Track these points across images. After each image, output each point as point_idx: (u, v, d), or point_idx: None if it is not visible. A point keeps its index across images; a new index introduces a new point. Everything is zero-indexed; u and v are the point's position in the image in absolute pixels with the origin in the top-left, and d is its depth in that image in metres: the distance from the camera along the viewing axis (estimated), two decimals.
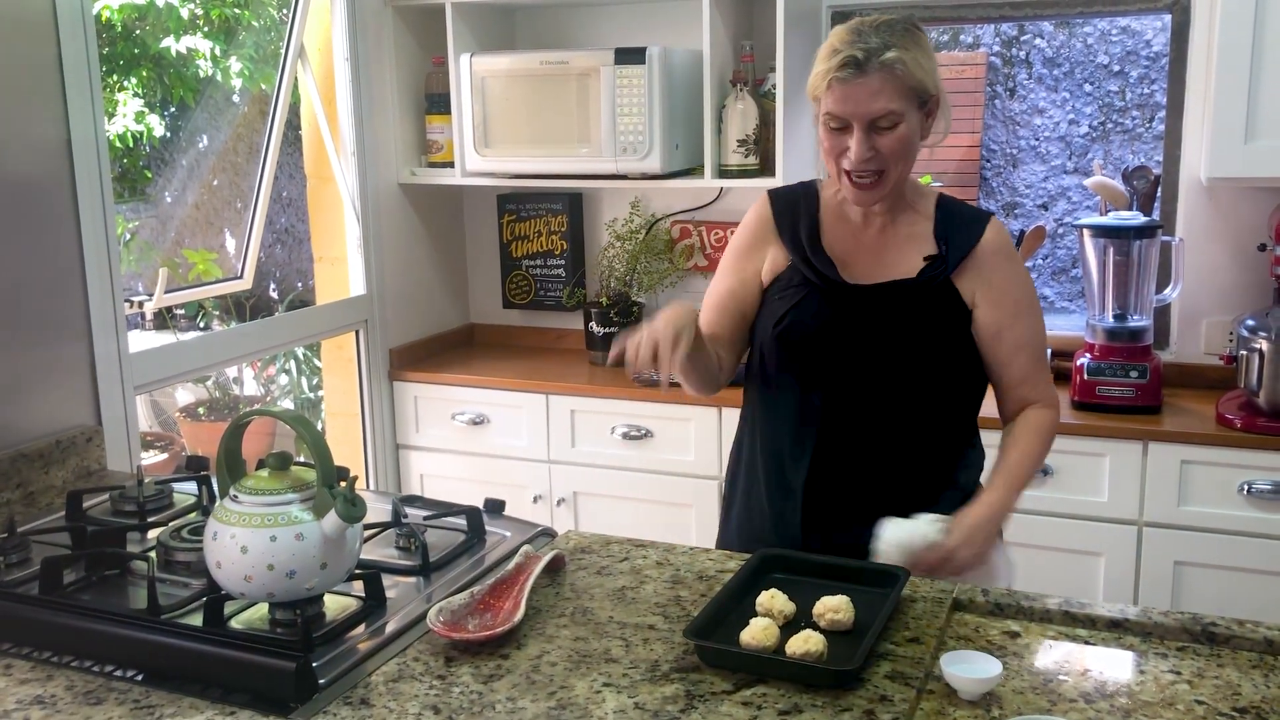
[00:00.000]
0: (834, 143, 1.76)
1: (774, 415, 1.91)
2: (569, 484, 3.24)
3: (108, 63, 5.11)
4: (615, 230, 3.51)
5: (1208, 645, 1.46)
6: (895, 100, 1.70)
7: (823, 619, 1.46)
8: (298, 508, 1.42)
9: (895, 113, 1.71)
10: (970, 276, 1.81)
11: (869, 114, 1.70)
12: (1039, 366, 1.88)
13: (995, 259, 1.82)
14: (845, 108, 1.71)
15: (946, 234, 1.83)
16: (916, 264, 1.82)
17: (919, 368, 1.81)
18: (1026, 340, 1.85)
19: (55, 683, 1.38)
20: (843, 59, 1.69)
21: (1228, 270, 2.99)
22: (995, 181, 5.49)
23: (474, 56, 3.23)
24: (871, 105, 1.70)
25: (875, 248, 1.85)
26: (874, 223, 1.86)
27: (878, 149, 1.73)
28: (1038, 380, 1.88)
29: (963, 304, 1.82)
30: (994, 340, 1.83)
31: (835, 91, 1.71)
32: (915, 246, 1.84)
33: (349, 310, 3.36)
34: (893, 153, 1.73)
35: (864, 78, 1.69)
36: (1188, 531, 2.65)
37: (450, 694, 1.33)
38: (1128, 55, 5.14)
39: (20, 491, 2.11)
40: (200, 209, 6.16)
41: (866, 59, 1.68)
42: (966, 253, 1.81)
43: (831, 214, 1.89)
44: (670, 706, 1.28)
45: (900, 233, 1.85)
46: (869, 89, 1.69)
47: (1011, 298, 1.83)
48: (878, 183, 1.76)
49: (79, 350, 2.32)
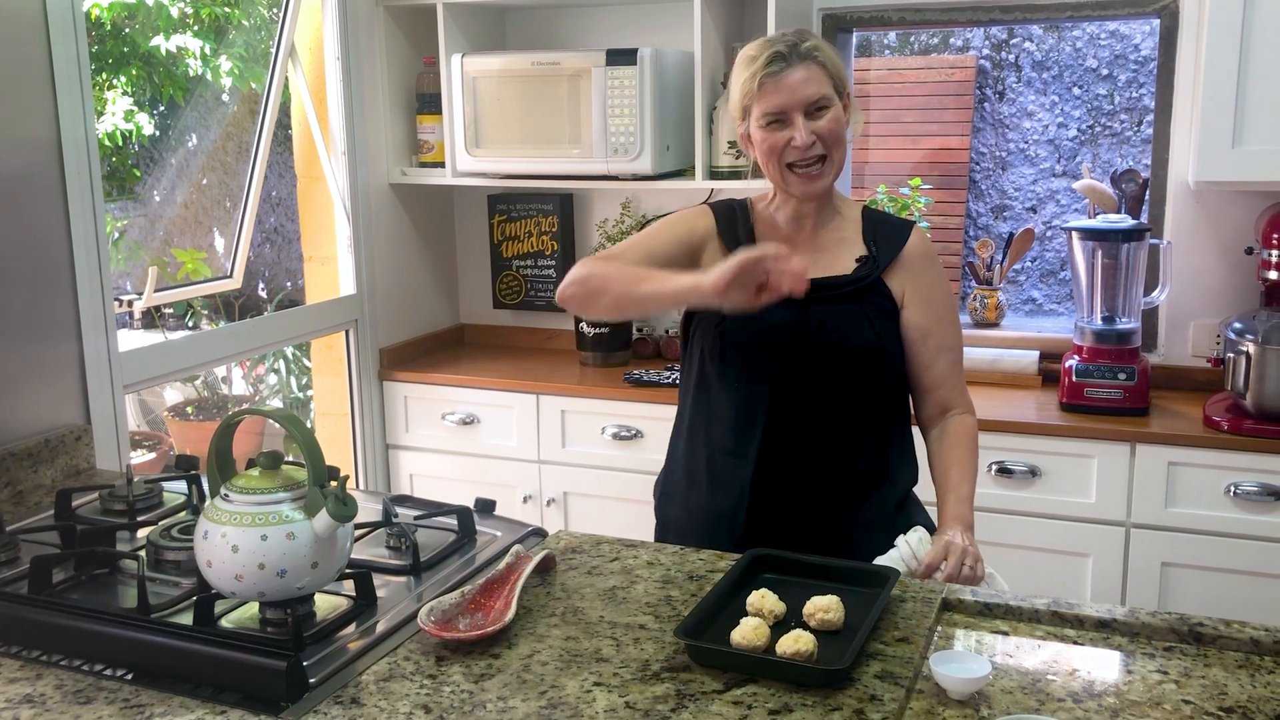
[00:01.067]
0: (773, 140, 1.84)
1: (716, 416, 1.95)
2: (559, 484, 3.25)
3: (97, 61, 5.09)
4: (606, 231, 3.52)
5: (1195, 645, 1.46)
6: (824, 85, 1.83)
7: (813, 619, 1.46)
8: (289, 507, 1.42)
9: (826, 96, 1.83)
10: (899, 277, 1.91)
11: (805, 99, 1.81)
12: (958, 370, 1.96)
13: (923, 262, 1.93)
14: (780, 99, 1.81)
15: (874, 238, 1.93)
16: (849, 264, 1.92)
17: (858, 360, 1.88)
18: (950, 344, 1.94)
19: (45, 682, 1.38)
20: (767, 57, 1.82)
21: (1215, 273, 3.01)
22: (984, 184, 5.51)
23: (465, 56, 3.23)
24: (805, 91, 1.81)
25: (809, 250, 1.91)
26: (805, 228, 1.95)
27: (818, 134, 1.83)
28: (956, 384, 1.95)
29: (893, 302, 1.90)
30: (920, 341, 1.91)
31: (767, 88, 1.82)
32: (846, 249, 1.93)
33: (339, 310, 3.36)
34: (831, 135, 1.84)
35: (791, 68, 1.81)
36: (1175, 533, 2.67)
37: (441, 693, 1.33)
38: (1116, 59, 5.16)
39: (9, 490, 2.10)
40: (189, 208, 6.14)
41: (790, 51, 1.82)
42: (895, 254, 1.91)
43: (764, 224, 1.98)
44: (661, 706, 1.29)
45: (830, 237, 1.95)
46: (799, 77, 1.81)
47: (937, 301, 1.92)
48: (822, 169, 1.86)
49: (68, 349, 2.32)
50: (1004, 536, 2.80)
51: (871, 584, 1.56)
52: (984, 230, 5.37)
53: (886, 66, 5.42)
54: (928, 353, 1.92)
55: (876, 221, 1.97)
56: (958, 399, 1.95)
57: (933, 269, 1.94)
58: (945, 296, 1.95)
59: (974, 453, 1.93)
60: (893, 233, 1.94)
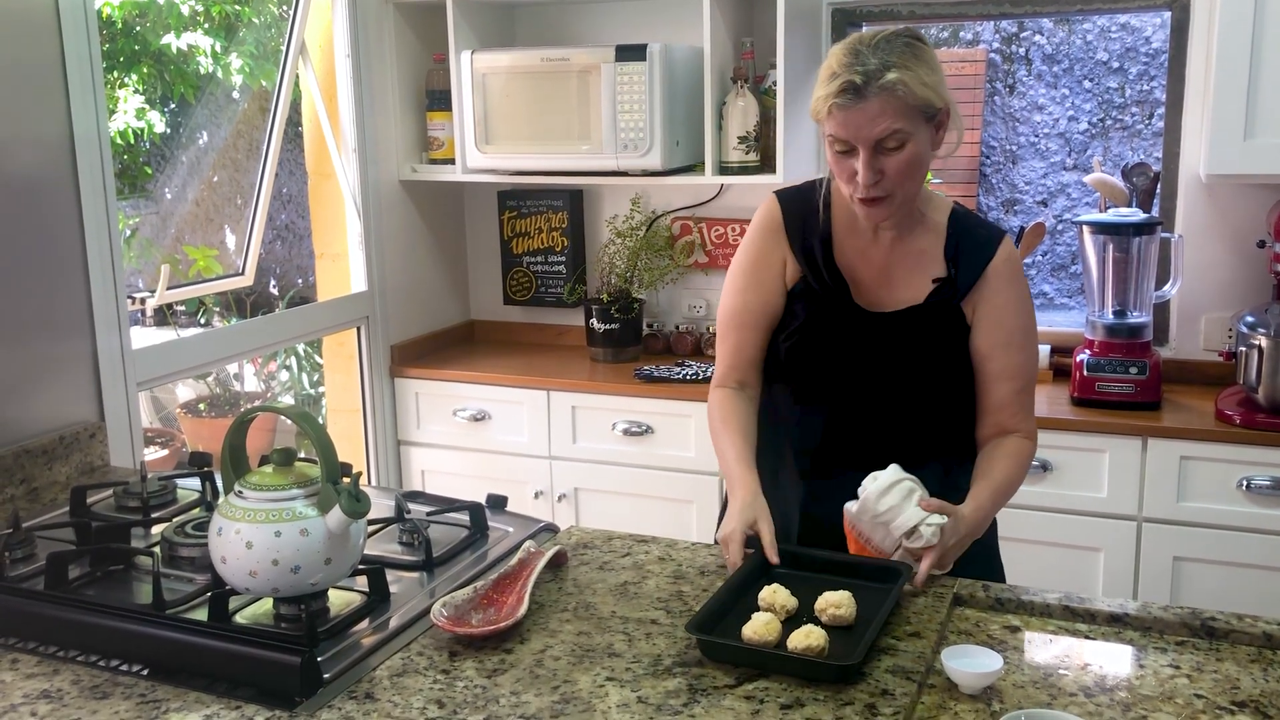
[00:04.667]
0: (841, 166, 1.71)
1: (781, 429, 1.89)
2: (570, 480, 3.25)
3: (108, 59, 5.11)
4: (616, 227, 3.52)
5: (1207, 640, 1.46)
6: (899, 120, 1.64)
7: (824, 614, 1.46)
8: (302, 503, 1.42)
9: (901, 132, 1.65)
10: (973, 298, 1.79)
11: (871, 137, 1.65)
12: (1021, 398, 1.82)
13: (1000, 283, 1.79)
14: (847, 132, 1.66)
15: (957, 254, 1.79)
16: (925, 286, 1.79)
17: (922, 389, 1.79)
18: (1013, 371, 1.80)
19: (61, 677, 1.39)
20: (841, 84, 1.64)
21: (1227, 267, 3.00)
22: (995, 178, 5.49)
23: (475, 53, 3.23)
24: (873, 129, 1.64)
25: (885, 265, 1.81)
26: (884, 237, 1.81)
27: (884, 170, 1.67)
28: (1017, 411, 1.82)
29: (964, 322, 1.80)
30: (980, 365, 1.80)
31: (836, 117, 1.66)
32: (923, 266, 1.80)
33: (350, 307, 3.37)
34: (899, 173, 1.68)
35: (864, 103, 1.63)
36: (1187, 527, 2.66)
37: (454, 688, 1.33)
38: (1127, 52, 5.14)
39: (24, 487, 2.12)
40: (200, 205, 6.16)
41: (865, 83, 1.63)
42: (976, 278, 1.78)
43: (844, 224, 1.83)
44: (673, 700, 1.29)
45: (910, 249, 1.81)
46: (869, 113, 1.63)
47: (1006, 326, 1.79)
48: (885, 203, 1.71)
49: (82, 346, 2.33)
50: (1016, 531, 2.79)
51: (884, 579, 1.56)
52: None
53: None
54: (986, 377, 1.80)
55: (962, 233, 1.80)
56: (1017, 425, 1.82)
57: (1009, 290, 1.79)
58: (1017, 320, 1.79)
59: (1012, 470, 1.79)
60: (976, 249, 1.79)
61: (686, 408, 3.06)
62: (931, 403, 1.81)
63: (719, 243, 3.48)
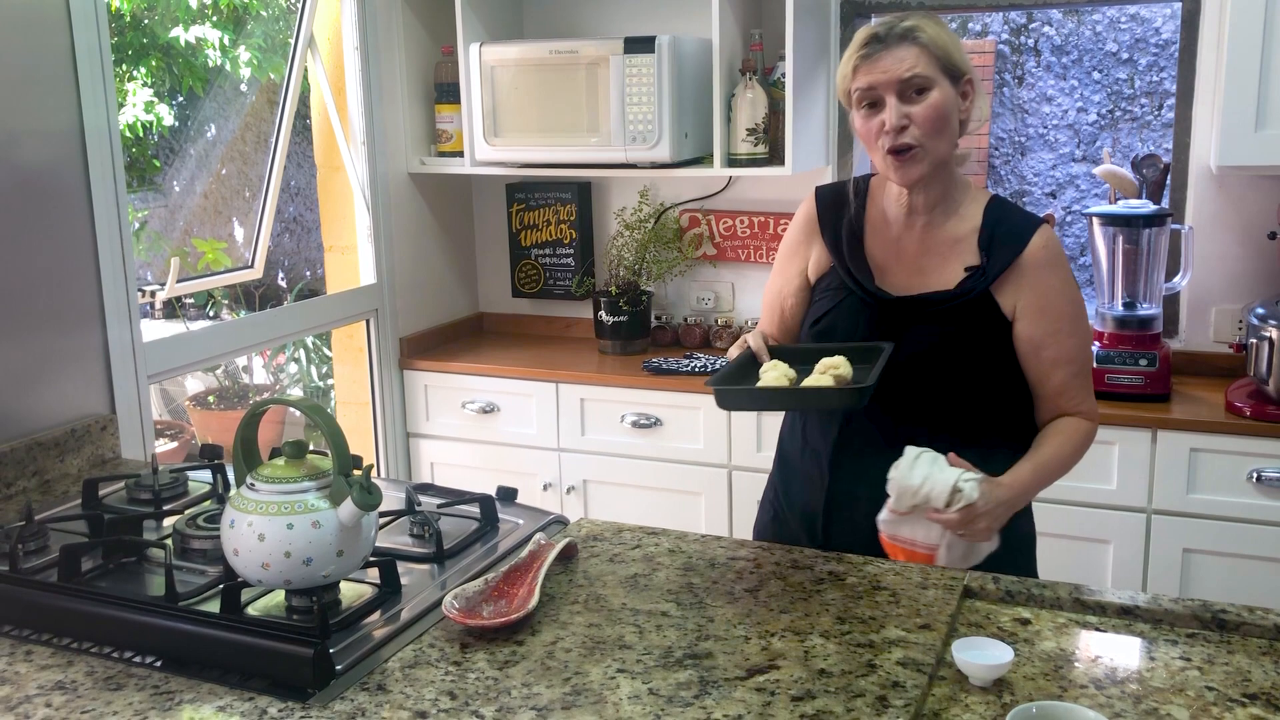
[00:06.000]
0: (869, 125, 1.74)
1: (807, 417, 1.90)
2: (579, 472, 3.26)
3: (117, 52, 5.12)
4: (624, 219, 3.52)
5: (1218, 632, 1.46)
6: (920, 64, 1.69)
7: (825, 375, 1.56)
8: (314, 496, 1.43)
9: (923, 76, 1.69)
10: (1011, 288, 1.76)
11: (896, 79, 1.69)
12: (1079, 381, 1.80)
13: (1039, 271, 1.76)
14: (872, 77, 1.70)
15: (991, 243, 1.78)
16: (956, 274, 1.78)
17: (953, 381, 1.77)
18: (1067, 356, 1.78)
19: (75, 669, 1.40)
20: (864, 39, 1.72)
21: (1237, 258, 2.99)
22: (1004, 170, 5.48)
23: (483, 46, 3.23)
24: (898, 70, 1.69)
25: (916, 254, 1.81)
26: (916, 226, 1.82)
27: (911, 117, 1.70)
28: (1076, 394, 1.80)
29: (1002, 316, 1.77)
30: (1033, 354, 1.78)
31: (861, 69, 1.71)
32: (957, 255, 1.79)
33: (359, 299, 3.37)
34: (926, 121, 1.70)
35: (887, 49, 1.70)
36: (1196, 519, 2.66)
37: (466, 680, 1.34)
38: (1137, 43, 5.12)
39: (36, 479, 2.13)
40: (209, 198, 6.17)
41: (888, 32, 1.71)
42: (1008, 264, 1.76)
43: (877, 216, 1.85)
44: (684, 692, 1.30)
45: (943, 238, 1.81)
46: (893, 57, 1.69)
47: (1053, 313, 1.77)
48: (917, 155, 1.72)
49: (93, 339, 2.34)
50: None
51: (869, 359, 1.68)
52: None
53: None
54: (1041, 366, 1.78)
55: (997, 221, 1.79)
56: (1076, 407, 1.81)
57: (1052, 276, 1.77)
58: (1064, 305, 1.77)
59: (1073, 449, 1.79)
60: (1011, 237, 1.77)
61: (695, 400, 3.06)
62: (961, 392, 1.78)
63: (727, 235, 3.48)
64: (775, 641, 1.41)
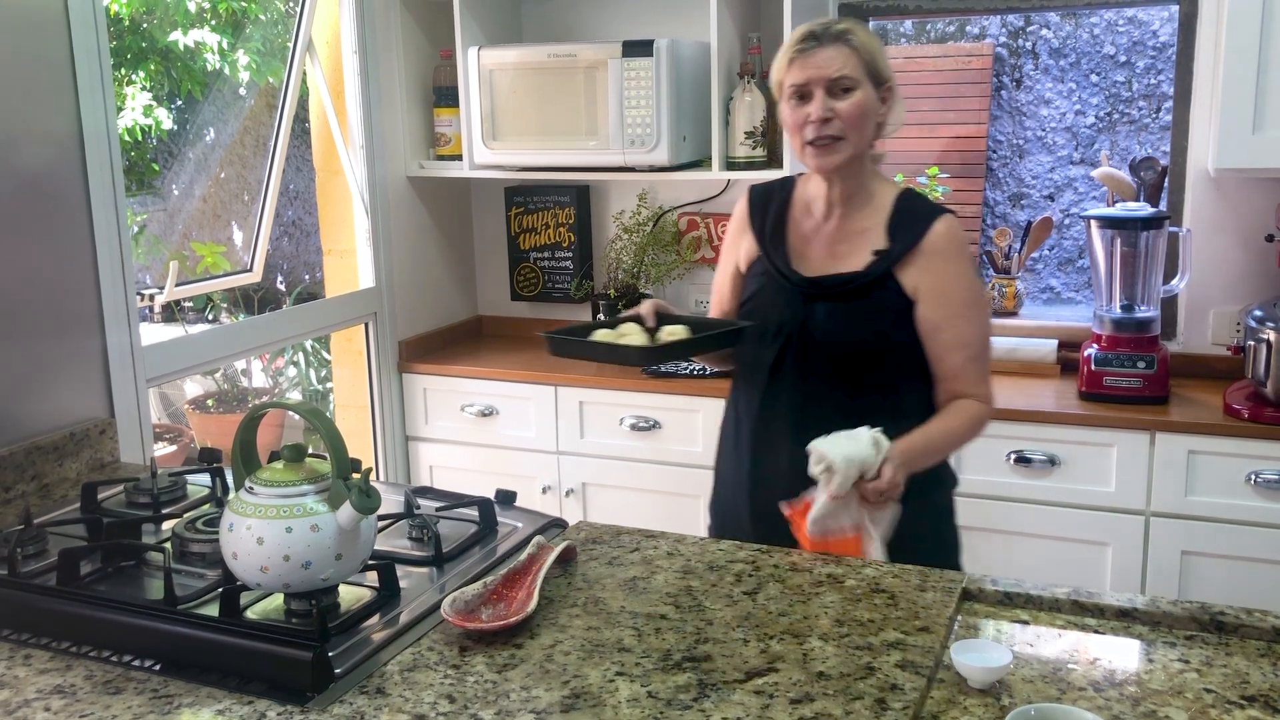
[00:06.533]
0: (796, 116, 1.90)
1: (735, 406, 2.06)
2: (577, 475, 3.26)
3: (116, 56, 5.12)
4: (623, 222, 3.52)
5: (1216, 634, 1.47)
6: (849, 66, 1.87)
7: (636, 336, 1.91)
8: (313, 499, 1.43)
9: (850, 77, 1.87)
10: (914, 270, 1.90)
11: (826, 77, 1.86)
12: (973, 366, 1.92)
13: (939, 257, 1.90)
14: (805, 74, 1.88)
15: (896, 228, 1.92)
16: (866, 258, 1.93)
17: (853, 357, 1.91)
18: (963, 340, 1.90)
19: (74, 672, 1.40)
20: (800, 36, 1.90)
21: (1235, 261, 2.99)
22: (1001, 172, 5.49)
23: (482, 49, 3.23)
24: (829, 69, 1.86)
25: (831, 241, 1.97)
26: (833, 216, 1.98)
27: (836, 112, 1.87)
28: (970, 378, 1.92)
29: (905, 296, 1.90)
30: (932, 335, 1.91)
31: (795, 64, 1.89)
32: (867, 241, 1.94)
33: (358, 303, 3.37)
34: (849, 117, 1.87)
35: (820, 48, 1.88)
36: (1195, 521, 2.66)
37: (465, 683, 1.34)
38: (1134, 46, 5.13)
39: (35, 483, 2.13)
40: (208, 202, 6.17)
41: (823, 32, 1.89)
42: (910, 247, 1.90)
43: (799, 208, 2.03)
44: (683, 695, 1.30)
45: (856, 228, 1.96)
46: (825, 55, 1.87)
47: (950, 297, 1.90)
48: (836, 146, 1.89)
49: (92, 343, 2.34)
50: (1023, 526, 2.80)
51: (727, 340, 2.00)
52: (1001, 219, 5.35)
53: (903, 55, 5.40)
54: (938, 347, 1.91)
55: (904, 210, 1.94)
56: (971, 391, 1.92)
57: (951, 262, 1.90)
58: (961, 291, 1.90)
59: (964, 424, 1.90)
60: (915, 223, 1.91)
61: (694, 403, 3.06)
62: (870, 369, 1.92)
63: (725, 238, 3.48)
64: (774, 644, 1.41)
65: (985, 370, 1.94)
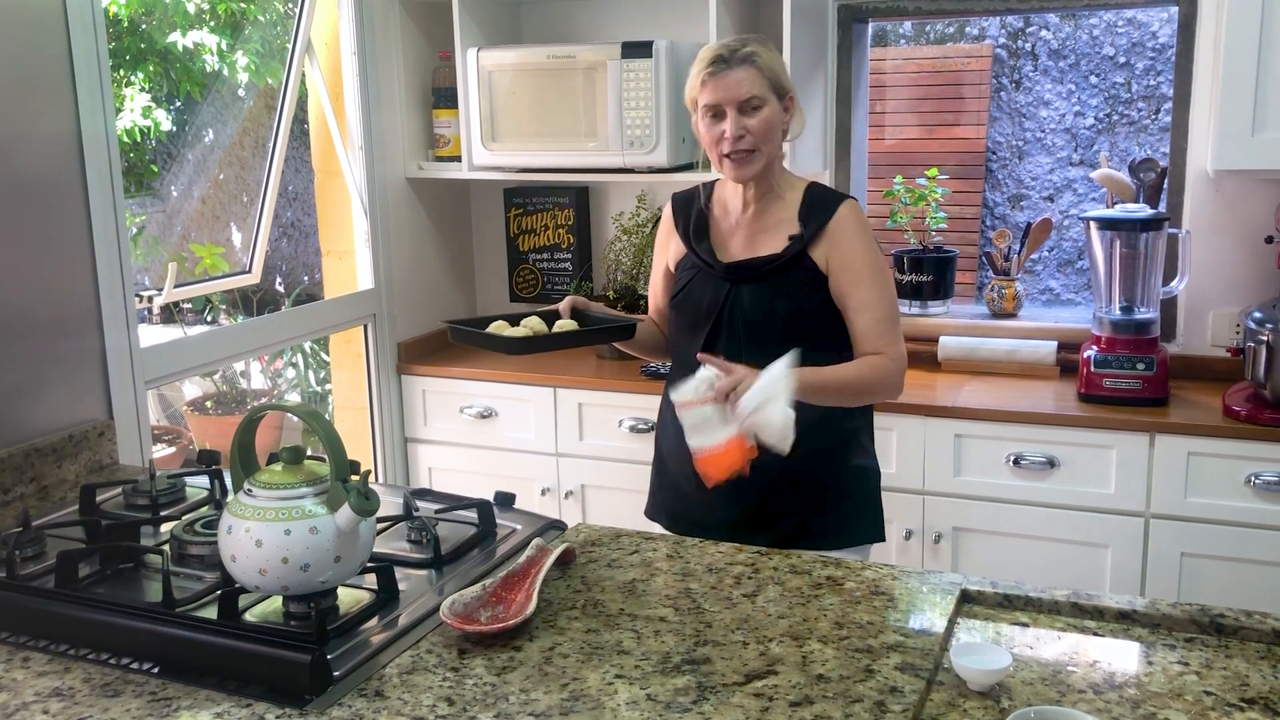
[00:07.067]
0: (712, 132, 2.07)
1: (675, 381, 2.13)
2: (576, 477, 3.25)
3: (115, 57, 5.11)
4: (622, 224, 3.52)
5: (1216, 636, 1.46)
6: (757, 86, 2.04)
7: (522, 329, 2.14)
8: (311, 501, 1.43)
9: (758, 97, 2.04)
10: (823, 248, 2.08)
11: (737, 98, 2.03)
12: (882, 328, 2.09)
13: (843, 234, 2.08)
14: (718, 96, 2.04)
15: (807, 214, 2.11)
16: (783, 243, 2.11)
17: (774, 330, 2.07)
18: (868, 303, 2.08)
19: (73, 675, 1.40)
20: (710, 57, 2.06)
21: (1234, 262, 2.99)
22: (1001, 174, 5.49)
23: (481, 50, 3.23)
24: (739, 91, 2.03)
25: (749, 233, 2.15)
26: (749, 213, 2.15)
27: (748, 128, 2.04)
28: (879, 338, 2.08)
29: (820, 271, 2.08)
30: (841, 302, 2.09)
31: (708, 85, 2.05)
32: (783, 229, 2.12)
33: (357, 304, 3.37)
34: (759, 132, 2.05)
35: (730, 69, 2.04)
36: (1194, 523, 2.66)
37: (463, 686, 1.34)
38: (1134, 47, 5.13)
39: (34, 485, 2.13)
40: (207, 203, 6.17)
41: (730, 55, 2.05)
42: (820, 228, 2.08)
43: (719, 207, 2.21)
44: (682, 698, 1.30)
45: (770, 219, 2.14)
46: (735, 77, 2.03)
47: (854, 266, 2.07)
48: (751, 158, 2.06)
49: (90, 345, 2.33)
50: (1022, 528, 2.80)
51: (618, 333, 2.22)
52: (1001, 220, 5.35)
53: (902, 56, 5.40)
54: (848, 312, 2.09)
55: (812, 199, 2.13)
56: (882, 349, 2.08)
57: (853, 237, 2.08)
58: (865, 261, 2.08)
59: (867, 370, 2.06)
60: (822, 208, 2.10)
61: None
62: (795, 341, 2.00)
63: None
64: (773, 647, 1.41)
65: (893, 331, 2.10)
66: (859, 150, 3.46)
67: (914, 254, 3.42)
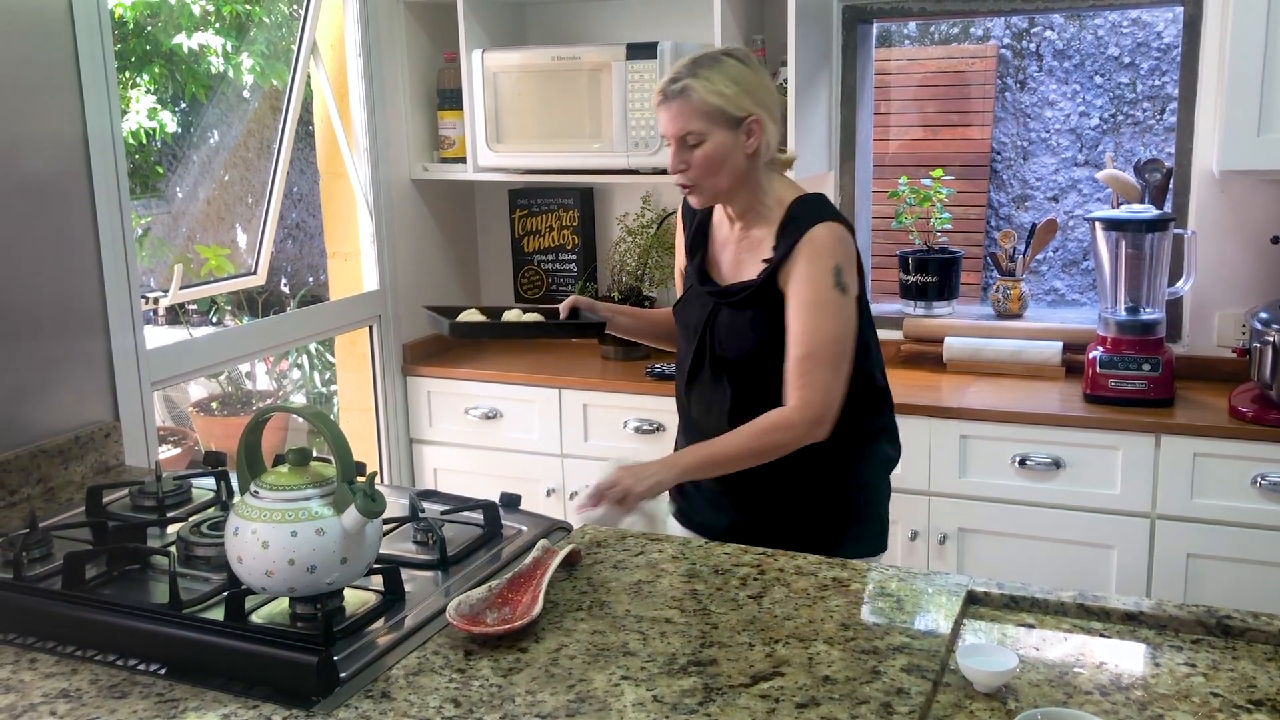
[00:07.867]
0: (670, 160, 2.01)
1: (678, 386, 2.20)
2: (581, 478, 3.25)
3: (120, 59, 5.12)
4: (627, 225, 3.52)
5: (1222, 638, 1.46)
6: (693, 122, 1.93)
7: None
8: (318, 503, 1.43)
9: (695, 132, 1.94)
10: (785, 273, 1.97)
11: (672, 134, 1.97)
12: (799, 369, 1.93)
13: (798, 259, 1.95)
14: (662, 128, 2.00)
15: (781, 236, 2.00)
16: (758, 267, 2.02)
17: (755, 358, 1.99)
18: (795, 339, 1.94)
19: (80, 676, 1.40)
20: (659, 87, 1.99)
21: (1240, 263, 2.99)
22: (1006, 174, 5.48)
23: (486, 52, 3.24)
24: (673, 126, 1.96)
25: (736, 250, 2.08)
26: (736, 228, 2.08)
27: (687, 162, 1.97)
28: (791, 382, 1.93)
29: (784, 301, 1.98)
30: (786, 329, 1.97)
31: (659, 115, 2.00)
32: (761, 251, 2.02)
33: (362, 305, 3.37)
34: (699, 166, 1.96)
35: (667, 103, 1.96)
36: (1200, 524, 2.66)
37: (470, 687, 1.34)
38: (1139, 47, 5.12)
39: (41, 487, 2.13)
40: (212, 205, 6.18)
41: (667, 87, 1.96)
42: (787, 253, 1.96)
43: (717, 223, 2.14)
44: (688, 699, 1.30)
45: (753, 239, 2.05)
46: (670, 113, 1.96)
47: (797, 296, 1.94)
48: (696, 190, 2.01)
49: (97, 346, 2.34)
50: (1028, 529, 2.80)
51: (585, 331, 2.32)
52: (1006, 220, 5.34)
53: (906, 57, 5.40)
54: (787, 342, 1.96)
55: (791, 219, 1.99)
56: (792, 395, 1.93)
57: (804, 263, 1.94)
58: (806, 294, 1.93)
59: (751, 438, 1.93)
60: (796, 230, 1.96)
61: None
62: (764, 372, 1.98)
63: None
64: (779, 648, 1.41)
65: (810, 374, 1.92)
66: (864, 151, 3.45)
67: (919, 254, 3.42)
